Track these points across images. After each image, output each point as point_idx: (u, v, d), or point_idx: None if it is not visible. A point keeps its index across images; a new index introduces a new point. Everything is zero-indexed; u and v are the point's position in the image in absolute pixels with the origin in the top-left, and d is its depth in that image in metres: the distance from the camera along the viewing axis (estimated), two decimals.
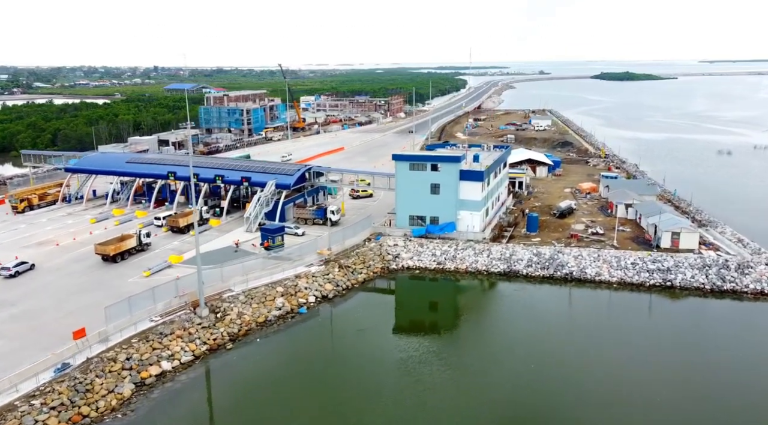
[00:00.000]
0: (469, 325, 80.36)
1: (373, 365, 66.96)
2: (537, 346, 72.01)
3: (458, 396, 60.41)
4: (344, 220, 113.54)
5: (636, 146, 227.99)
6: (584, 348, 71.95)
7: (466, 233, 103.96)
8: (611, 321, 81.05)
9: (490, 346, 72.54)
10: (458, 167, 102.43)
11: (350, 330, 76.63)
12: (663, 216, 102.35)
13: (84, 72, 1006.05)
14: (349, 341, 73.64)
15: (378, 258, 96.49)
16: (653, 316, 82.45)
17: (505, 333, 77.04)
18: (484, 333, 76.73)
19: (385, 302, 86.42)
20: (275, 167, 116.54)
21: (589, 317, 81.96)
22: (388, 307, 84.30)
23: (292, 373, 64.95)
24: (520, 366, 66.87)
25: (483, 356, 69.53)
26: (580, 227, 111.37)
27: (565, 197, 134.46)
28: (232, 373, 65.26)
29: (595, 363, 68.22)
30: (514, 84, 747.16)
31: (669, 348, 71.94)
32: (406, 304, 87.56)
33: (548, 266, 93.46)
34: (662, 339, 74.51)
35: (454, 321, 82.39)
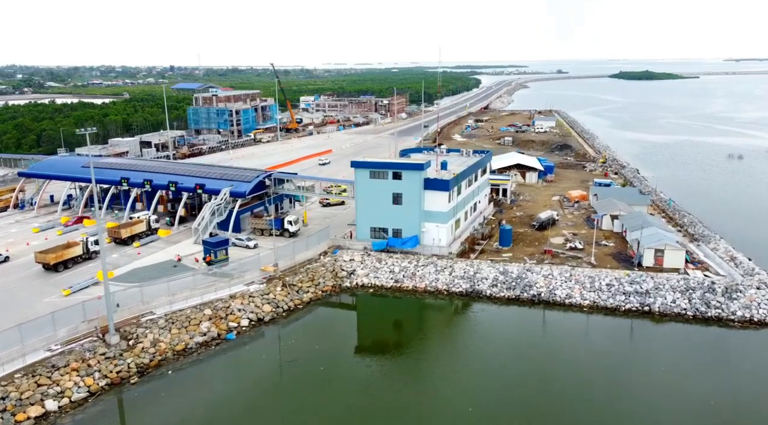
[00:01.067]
0: (421, 358, 71.90)
1: (296, 403, 59.06)
2: (490, 376, 63.64)
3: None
4: (306, 230, 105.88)
5: (641, 150, 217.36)
6: (545, 375, 63.50)
7: (432, 247, 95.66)
8: (573, 348, 72.05)
9: (444, 381, 64.25)
10: (422, 176, 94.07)
11: (280, 360, 68.76)
12: (646, 231, 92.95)
13: (101, 72, 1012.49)
14: (275, 374, 65.80)
15: (330, 275, 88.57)
16: (623, 345, 73.32)
17: (460, 363, 68.50)
18: (436, 366, 68.23)
19: (328, 326, 78.29)
20: (232, 173, 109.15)
21: (552, 343, 73.05)
22: (330, 333, 76.13)
23: (201, 415, 57.28)
24: (471, 402, 58.56)
25: (434, 398, 61.32)
26: (559, 240, 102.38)
27: (551, 206, 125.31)
28: (130, 414, 57.84)
29: (553, 393, 59.74)
30: (529, 83, 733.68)
31: (636, 380, 63.09)
32: (352, 329, 79.17)
33: (515, 286, 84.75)
34: (629, 368, 65.66)
35: (402, 350, 73.95)
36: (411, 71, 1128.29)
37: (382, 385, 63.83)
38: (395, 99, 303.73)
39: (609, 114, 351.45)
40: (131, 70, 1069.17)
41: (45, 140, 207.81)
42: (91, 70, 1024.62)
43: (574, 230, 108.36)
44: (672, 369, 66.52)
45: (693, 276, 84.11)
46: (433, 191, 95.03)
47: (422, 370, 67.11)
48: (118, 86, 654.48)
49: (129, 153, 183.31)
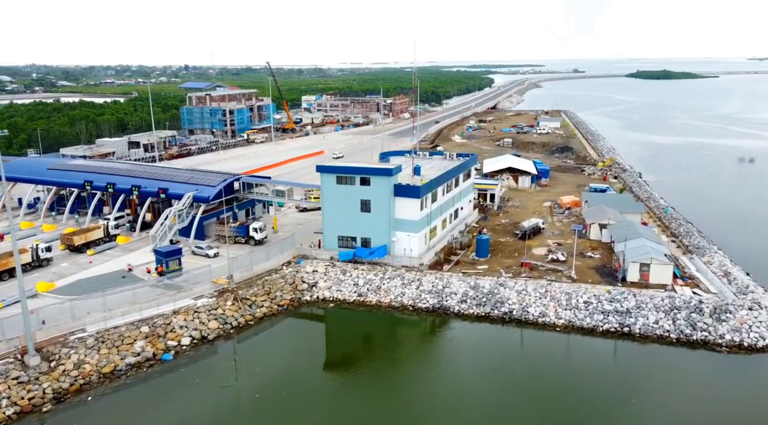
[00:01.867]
0: (377, 385, 65.82)
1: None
2: (454, 403, 57.45)
3: None
4: (276, 238, 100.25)
5: (647, 152, 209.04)
6: (511, 399, 57.27)
7: (402, 258, 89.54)
8: (543, 371, 65.51)
9: (405, 409, 58.22)
10: (391, 181, 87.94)
11: (213, 385, 62.96)
12: (632, 243, 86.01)
13: (116, 71, 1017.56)
14: (203, 402, 59.94)
15: (289, 288, 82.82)
16: (598, 370, 66.55)
17: (423, 389, 62.33)
18: (395, 395, 62.19)
19: (278, 346, 72.31)
20: (198, 177, 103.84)
21: (521, 366, 66.61)
22: (278, 353, 70.08)
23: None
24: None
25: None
26: (542, 251, 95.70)
27: (540, 213, 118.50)
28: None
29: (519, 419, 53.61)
30: (542, 83, 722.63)
31: (610, 408, 56.56)
32: (303, 350, 72.62)
33: (485, 302, 78.33)
34: (602, 395, 59.10)
35: (356, 376, 67.88)
36: (425, 70, 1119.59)
37: (324, 417, 57.81)
38: (398, 99, 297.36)
39: (620, 115, 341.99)
40: (147, 69, 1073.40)
41: (36, 140, 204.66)
42: (107, 70, 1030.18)
43: (560, 239, 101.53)
44: (650, 397, 59.82)
45: (680, 294, 77.03)
46: (403, 198, 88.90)
47: (378, 400, 61.08)
48: (129, 85, 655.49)
49: (116, 154, 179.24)
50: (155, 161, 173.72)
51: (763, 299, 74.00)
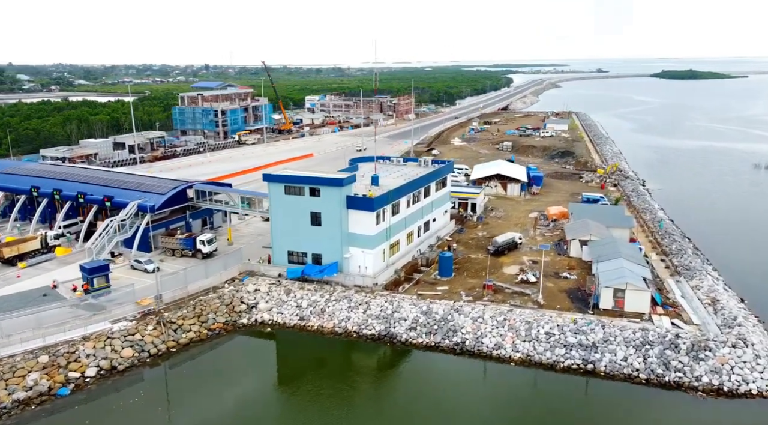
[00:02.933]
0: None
1: None
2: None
3: None
4: (228, 250, 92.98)
5: (657, 157, 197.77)
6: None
7: (355, 276, 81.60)
8: (493, 412, 57.19)
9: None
10: (342, 192, 80.00)
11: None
12: (607, 264, 76.92)
13: (137, 70, 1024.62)
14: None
15: (225, 309, 75.42)
16: (555, 413, 57.93)
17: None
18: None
19: (196, 378, 64.72)
20: (149, 184, 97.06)
21: (468, 406, 58.27)
22: (192, 389, 62.55)
23: None
24: None
25: None
26: (514, 270, 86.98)
27: (523, 225, 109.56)
28: None
29: None
30: (561, 83, 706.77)
31: None
32: (224, 385, 64.65)
33: (436, 330, 70.03)
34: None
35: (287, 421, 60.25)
36: (445, 70, 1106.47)
37: None
38: (402, 99, 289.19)
39: (636, 116, 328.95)
40: (168, 68, 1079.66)
41: (24, 140, 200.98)
42: (128, 69, 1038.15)
43: (538, 256, 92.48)
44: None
45: (656, 325, 67.84)
46: (357, 211, 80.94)
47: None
48: (146, 85, 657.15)
49: (99, 155, 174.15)
50: (136, 163, 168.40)
51: (751, 335, 64.47)
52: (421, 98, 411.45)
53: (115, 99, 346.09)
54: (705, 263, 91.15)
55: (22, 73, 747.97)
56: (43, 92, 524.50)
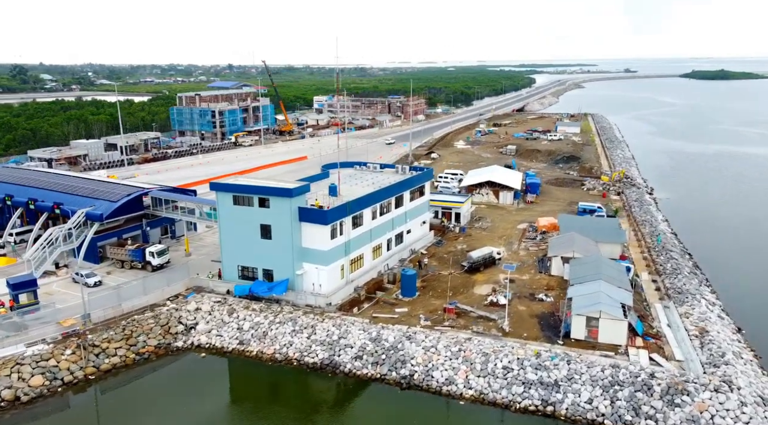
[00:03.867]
0: None
1: None
2: None
3: None
4: (182, 262, 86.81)
5: (671, 162, 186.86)
6: None
7: (307, 295, 74.66)
8: None
9: None
10: (293, 203, 73.08)
11: None
12: (583, 287, 68.69)
13: (162, 69, 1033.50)
14: None
15: (159, 331, 69.07)
16: None
17: None
18: None
19: (108, 413, 58.57)
20: (103, 190, 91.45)
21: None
22: (105, 423, 56.64)
23: None
24: None
25: None
26: (486, 289, 79.12)
27: (509, 237, 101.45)
28: None
29: None
30: (585, 83, 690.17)
31: None
32: (139, 418, 58.66)
33: (384, 360, 62.70)
34: None
35: None
36: (469, 70, 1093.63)
37: None
38: (411, 100, 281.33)
39: (656, 118, 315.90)
40: (192, 68, 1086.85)
41: (20, 140, 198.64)
42: (153, 69, 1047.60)
43: (518, 274, 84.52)
44: None
45: (632, 361, 59.54)
46: (310, 224, 73.99)
47: None
48: (167, 84, 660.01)
49: (89, 156, 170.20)
50: (124, 164, 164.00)
51: (739, 376, 55.74)
52: (437, 99, 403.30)
53: (124, 99, 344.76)
54: (703, 284, 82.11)
55: (50, 72, 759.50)
56: (63, 91, 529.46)
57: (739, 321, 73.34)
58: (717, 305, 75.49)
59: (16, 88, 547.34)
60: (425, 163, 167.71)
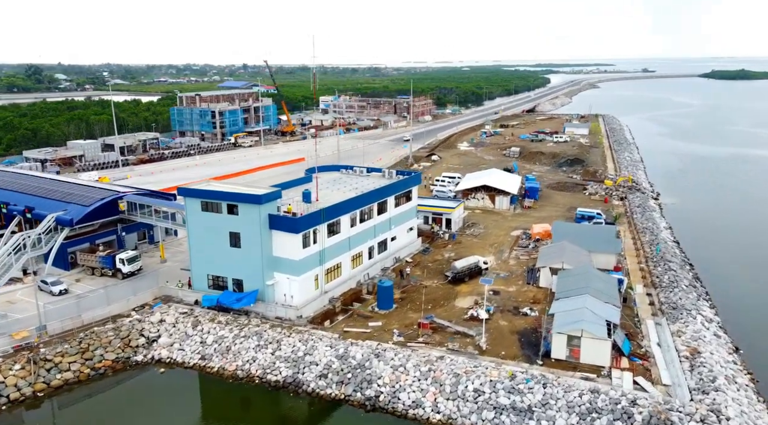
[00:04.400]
0: None
1: None
2: None
3: None
4: (157, 269, 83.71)
5: (681, 165, 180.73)
6: None
7: (277, 307, 71.02)
8: None
9: None
10: (263, 210, 69.46)
11: None
12: (567, 302, 64.26)
13: (177, 69, 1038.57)
14: None
15: (119, 344, 65.80)
16: None
17: None
18: None
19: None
20: (75, 194, 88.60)
21: None
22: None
23: None
24: None
25: None
26: (469, 302, 74.93)
27: (501, 244, 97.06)
28: None
29: None
30: (600, 83, 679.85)
31: None
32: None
33: (350, 379, 58.83)
34: None
35: None
36: (484, 70, 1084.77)
37: None
38: (417, 100, 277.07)
39: (670, 120, 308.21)
40: (208, 68, 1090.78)
41: (20, 140, 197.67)
42: (169, 68, 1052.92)
43: (504, 285, 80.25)
44: None
45: (614, 385, 55.04)
46: (281, 232, 70.33)
47: None
48: (180, 84, 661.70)
49: (85, 157, 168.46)
50: (119, 165, 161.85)
51: (729, 405, 51.01)
52: (447, 99, 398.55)
53: (132, 98, 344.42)
54: (701, 298, 77.18)
55: (68, 72, 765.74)
56: (75, 91, 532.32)
57: (738, 339, 68.54)
58: (714, 322, 70.56)
59: (31, 87, 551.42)
60: (425, 165, 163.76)
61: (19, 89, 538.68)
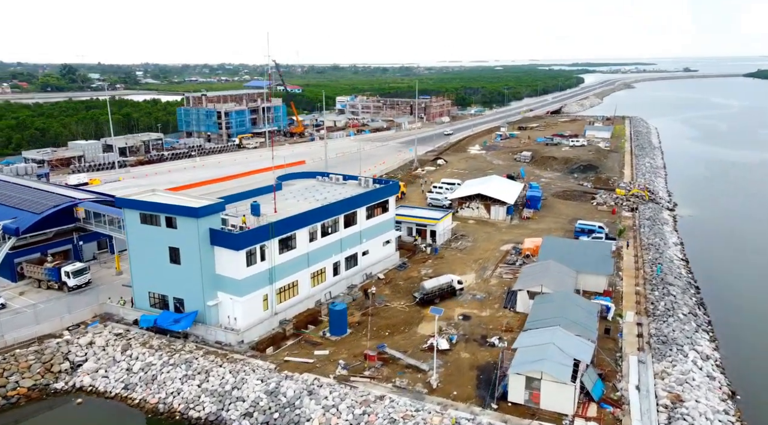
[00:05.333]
0: None
1: None
2: None
3: None
4: (110, 282, 78.50)
5: (707, 173, 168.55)
6: None
7: (217, 331, 64.69)
8: None
9: None
10: (201, 224, 63.13)
11: None
12: (530, 336, 56.27)
13: (210, 69, 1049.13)
14: None
15: (39, 368, 60.36)
16: None
17: None
18: None
19: None
20: (29, 200, 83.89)
21: None
22: None
23: None
24: None
25: None
26: (432, 328, 67.21)
27: (486, 260, 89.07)
28: None
29: None
30: (636, 83, 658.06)
31: None
32: None
33: (276, 420, 52.03)
34: None
35: None
36: (518, 69, 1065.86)
37: None
38: (434, 100, 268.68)
39: (704, 122, 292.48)
40: (241, 67, 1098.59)
41: (29, 140, 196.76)
42: (203, 68, 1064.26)
43: (477, 308, 72.42)
44: None
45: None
46: (223, 249, 63.97)
47: None
48: (210, 83, 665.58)
49: (84, 157, 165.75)
50: (114, 167, 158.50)
51: None
52: (471, 99, 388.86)
53: (150, 97, 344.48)
54: (701, 330, 68.11)
55: (106, 72, 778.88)
56: (108, 91, 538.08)
57: (739, 380, 59.58)
58: (711, 360, 61.53)
59: (64, 87, 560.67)
60: (428, 170, 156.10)
61: (52, 88, 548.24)
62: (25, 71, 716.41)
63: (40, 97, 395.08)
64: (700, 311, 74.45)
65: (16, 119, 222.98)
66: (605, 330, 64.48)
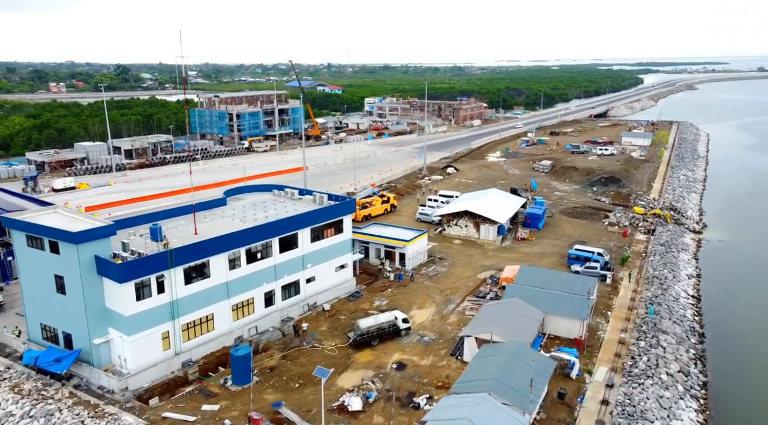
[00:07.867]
0: None
1: None
2: None
3: None
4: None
5: (757, 188, 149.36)
6: None
7: (100, 375, 56.01)
8: None
9: None
10: (84, 250, 54.50)
11: None
12: (445, 408, 44.98)
13: (263, 69, 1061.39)
14: None
15: None
16: None
17: None
18: None
19: None
20: None
21: None
22: None
23: None
24: None
25: None
26: (355, 379, 56.70)
27: (457, 290, 77.49)
28: None
29: None
30: (699, 84, 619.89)
31: None
32: None
33: None
34: None
35: None
36: (577, 69, 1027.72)
37: None
38: (464, 103, 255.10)
39: (765, 128, 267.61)
40: (296, 67, 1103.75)
41: (47, 140, 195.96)
42: (257, 68, 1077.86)
43: (419, 355, 61.27)
44: None
45: None
46: (110, 281, 55.24)
47: None
48: (258, 83, 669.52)
49: (88, 159, 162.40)
50: (111, 170, 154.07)
51: None
52: (514, 101, 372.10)
53: (175, 99, 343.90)
54: (688, 395, 54.80)
55: (164, 72, 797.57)
56: (158, 90, 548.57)
57: None
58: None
59: (116, 86, 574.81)
60: (435, 179, 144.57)
61: (105, 88, 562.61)
62: (91, 71, 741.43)
63: (92, 97, 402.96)
64: (696, 368, 60.79)
65: (40, 118, 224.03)
66: (558, 395, 52.24)
